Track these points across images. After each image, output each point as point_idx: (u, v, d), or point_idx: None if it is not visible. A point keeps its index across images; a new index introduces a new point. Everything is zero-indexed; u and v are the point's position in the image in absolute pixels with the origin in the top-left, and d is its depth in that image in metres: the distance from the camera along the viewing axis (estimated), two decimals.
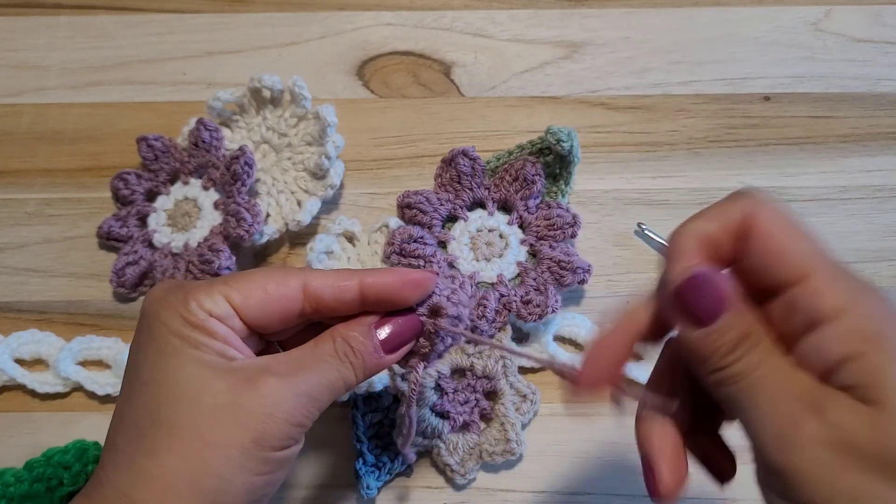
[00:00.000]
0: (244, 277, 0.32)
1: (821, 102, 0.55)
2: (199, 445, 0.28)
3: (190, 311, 0.30)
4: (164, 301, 0.31)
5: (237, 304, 0.31)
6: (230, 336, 0.31)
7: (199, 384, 0.29)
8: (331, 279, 0.32)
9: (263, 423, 0.29)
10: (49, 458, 0.42)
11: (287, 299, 0.32)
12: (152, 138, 0.50)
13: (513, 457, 0.43)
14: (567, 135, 0.46)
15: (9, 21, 0.58)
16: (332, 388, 0.31)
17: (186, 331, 0.30)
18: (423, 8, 0.58)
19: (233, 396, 0.29)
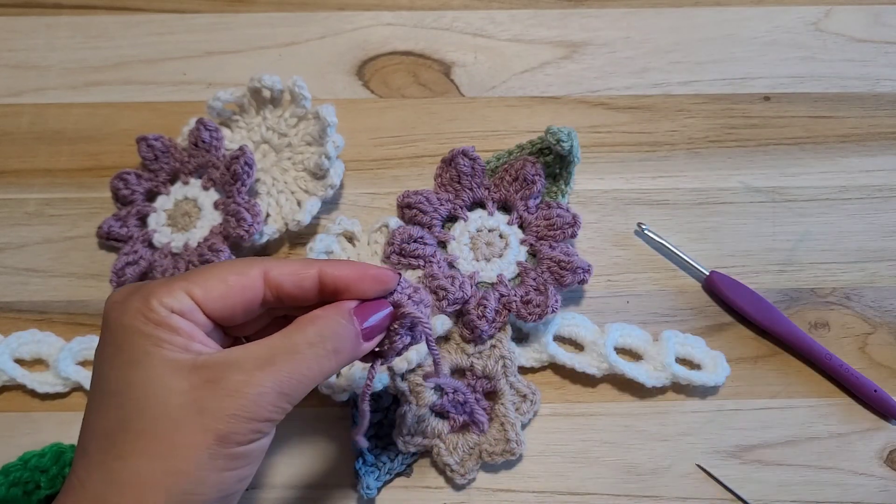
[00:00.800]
0: (204, 271, 0.32)
1: (821, 102, 0.55)
2: (166, 448, 0.28)
3: (151, 309, 0.30)
4: (124, 304, 0.30)
5: (198, 298, 0.31)
6: (194, 331, 0.30)
7: (164, 387, 0.29)
8: (291, 267, 0.32)
9: (226, 423, 0.29)
10: (25, 461, 0.42)
11: (248, 289, 0.31)
12: (152, 138, 0.50)
13: (513, 457, 0.43)
14: (567, 135, 0.46)
15: (9, 21, 0.58)
16: (306, 381, 0.30)
17: (149, 329, 0.30)
18: (423, 8, 0.58)
19: (196, 397, 0.29)
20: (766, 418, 0.46)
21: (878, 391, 0.45)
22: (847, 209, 0.51)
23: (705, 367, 0.46)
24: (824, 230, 0.51)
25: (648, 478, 0.44)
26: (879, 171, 0.52)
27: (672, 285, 0.49)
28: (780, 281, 0.49)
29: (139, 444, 0.28)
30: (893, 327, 0.48)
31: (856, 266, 0.50)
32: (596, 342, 0.46)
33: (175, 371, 0.29)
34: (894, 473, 0.44)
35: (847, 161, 0.53)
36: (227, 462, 0.29)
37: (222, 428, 0.28)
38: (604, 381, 0.46)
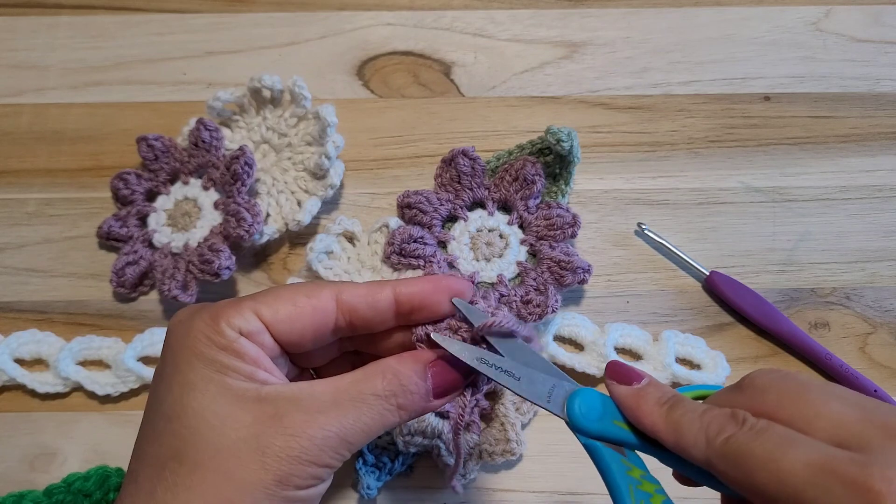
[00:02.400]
0: (273, 292, 0.30)
1: (821, 102, 0.55)
2: (220, 483, 0.27)
3: (218, 331, 0.28)
4: (189, 324, 0.29)
5: (267, 319, 0.29)
6: (260, 357, 0.29)
7: (224, 417, 0.27)
8: (363, 289, 0.31)
9: (288, 464, 0.27)
10: (69, 484, 0.41)
11: (319, 311, 0.30)
12: (152, 138, 0.50)
13: (513, 457, 0.43)
14: (567, 135, 0.46)
15: (9, 21, 0.58)
16: (369, 432, 0.29)
17: (213, 353, 0.28)
18: (423, 8, 0.58)
19: (257, 431, 0.27)
20: None
21: (878, 391, 0.45)
22: (847, 209, 0.51)
23: (705, 367, 0.46)
24: (824, 230, 0.51)
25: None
26: (879, 171, 0.52)
27: (672, 285, 0.49)
28: (780, 281, 0.49)
29: (194, 477, 0.27)
30: (893, 327, 0.48)
31: (856, 266, 0.50)
32: (596, 342, 0.45)
33: (237, 401, 0.28)
34: None
35: (847, 161, 0.53)
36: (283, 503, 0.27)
37: (283, 469, 0.27)
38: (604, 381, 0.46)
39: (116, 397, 0.46)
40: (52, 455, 0.45)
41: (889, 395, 0.45)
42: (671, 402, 0.28)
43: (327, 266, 0.47)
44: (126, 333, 0.47)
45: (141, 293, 0.49)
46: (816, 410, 0.24)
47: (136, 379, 0.45)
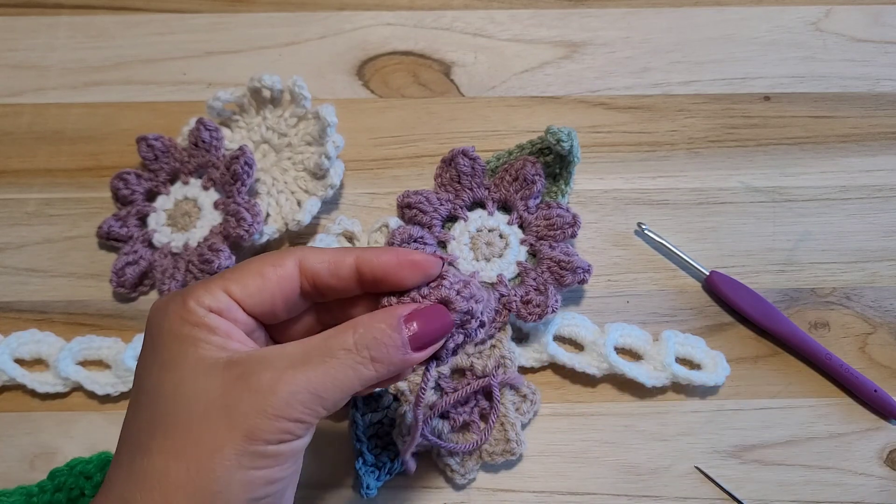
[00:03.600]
0: (241, 267, 0.31)
1: (821, 102, 0.55)
2: (192, 446, 0.28)
3: (188, 310, 0.30)
4: (165, 308, 0.30)
5: (237, 295, 0.30)
6: (231, 329, 0.30)
7: (195, 387, 0.28)
8: (326, 255, 0.31)
9: (254, 419, 0.28)
10: (72, 467, 0.42)
11: (284, 279, 0.31)
12: (152, 138, 0.50)
13: (513, 457, 0.43)
14: (567, 135, 0.46)
15: (9, 21, 0.58)
16: (342, 386, 0.29)
17: (186, 330, 0.29)
18: (423, 8, 0.58)
19: (224, 393, 0.28)
20: (766, 418, 0.46)
21: (878, 391, 0.45)
22: (847, 209, 0.51)
23: (705, 367, 0.46)
24: (824, 230, 0.51)
25: (648, 478, 0.44)
26: (879, 171, 0.52)
27: (672, 285, 0.49)
28: (780, 281, 0.49)
29: (166, 442, 0.28)
30: (893, 327, 0.48)
31: (856, 266, 0.50)
32: (596, 342, 0.46)
33: (208, 370, 0.29)
34: (894, 473, 0.44)
35: (847, 161, 0.53)
36: (254, 461, 0.28)
37: (249, 425, 0.28)
38: (604, 381, 0.46)
39: (116, 397, 0.46)
40: (52, 455, 0.45)
41: (889, 395, 0.45)
42: None
43: None
44: (126, 333, 0.47)
45: (141, 293, 0.49)
46: None
47: None
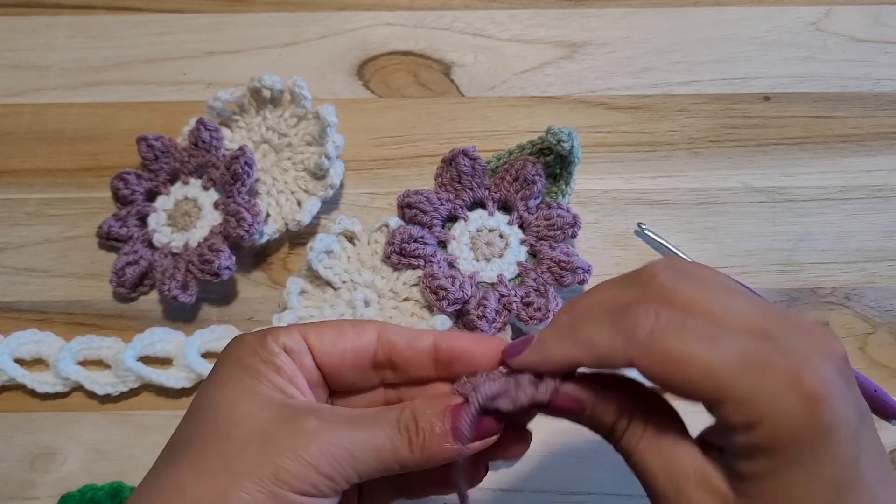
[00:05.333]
0: (322, 321, 0.32)
1: (821, 102, 0.55)
2: (219, 468, 0.27)
3: (263, 345, 0.30)
4: (242, 338, 0.31)
5: (312, 341, 0.30)
6: (296, 375, 0.30)
7: (243, 413, 0.28)
8: (406, 329, 0.32)
9: (288, 461, 0.27)
10: (83, 493, 0.43)
11: (361, 340, 0.31)
12: (152, 138, 0.50)
13: None
14: (568, 135, 0.46)
15: (9, 21, 0.58)
16: (377, 453, 0.28)
17: (253, 361, 0.29)
18: (423, 8, 0.58)
19: (267, 429, 0.28)
20: None
21: (878, 391, 0.45)
22: (847, 209, 0.51)
23: None
24: (824, 230, 0.51)
25: None
26: (879, 171, 0.52)
27: None
28: (780, 281, 0.49)
29: (195, 458, 0.27)
30: (893, 327, 0.48)
31: (856, 266, 0.50)
32: None
33: (261, 402, 0.28)
34: None
35: (847, 161, 0.53)
36: (272, 502, 0.27)
37: (282, 465, 0.27)
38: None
39: (116, 397, 0.46)
40: (51, 455, 0.45)
41: (889, 395, 0.45)
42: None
43: (327, 266, 0.47)
44: (126, 333, 0.47)
45: (141, 293, 0.49)
46: (726, 306, 0.25)
47: (135, 379, 0.45)
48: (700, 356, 0.23)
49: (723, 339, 0.24)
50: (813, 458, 0.22)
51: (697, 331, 0.24)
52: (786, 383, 0.22)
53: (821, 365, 0.23)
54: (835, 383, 0.23)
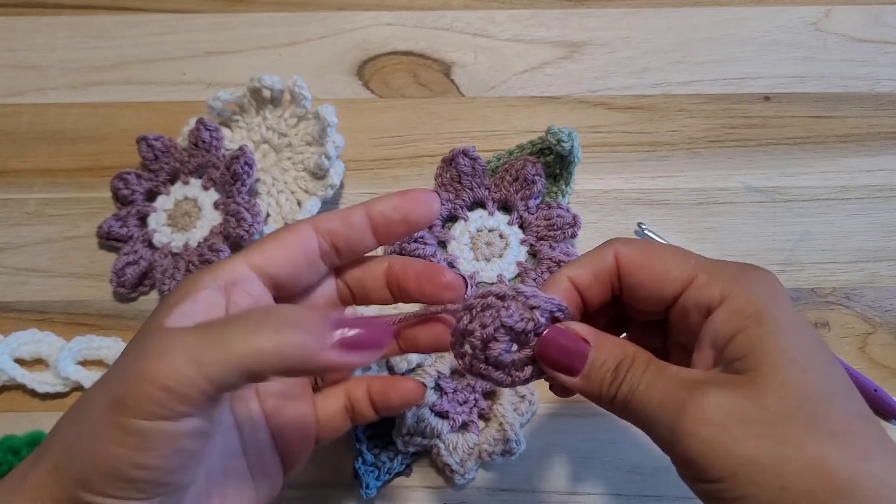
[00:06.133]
0: (260, 239, 0.32)
1: (821, 102, 0.55)
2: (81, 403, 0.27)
3: (193, 280, 0.30)
4: (185, 277, 0.31)
5: (259, 262, 0.31)
6: (213, 308, 0.29)
7: (127, 348, 0.28)
8: (337, 213, 0.33)
9: (126, 379, 0.25)
10: (1, 443, 0.42)
11: (302, 240, 0.32)
12: (152, 138, 0.50)
13: (512, 457, 0.43)
14: (568, 135, 0.46)
15: (9, 21, 0.58)
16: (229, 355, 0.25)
17: (174, 298, 0.29)
18: (423, 8, 0.58)
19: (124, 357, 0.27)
20: None
21: (878, 391, 0.45)
22: (847, 209, 0.51)
23: None
24: (824, 230, 0.51)
25: (649, 478, 0.44)
26: (879, 171, 0.52)
27: None
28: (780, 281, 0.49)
29: (79, 402, 0.27)
30: (893, 327, 0.48)
31: (856, 266, 0.50)
32: None
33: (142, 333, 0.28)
34: None
35: (847, 161, 0.53)
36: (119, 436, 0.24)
37: (120, 388, 0.25)
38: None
39: None
40: None
41: (889, 395, 0.45)
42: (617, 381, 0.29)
43: None
44: (126, 333, 0.47)
45: (141, 293, 0.49)
46: (667, 265, 0.30)
47: None
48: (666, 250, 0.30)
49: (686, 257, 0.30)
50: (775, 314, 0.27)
51: (669, 250, 0.31)
52: (742, 266, 0.29)
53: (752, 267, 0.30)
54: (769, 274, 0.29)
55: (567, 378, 0.29)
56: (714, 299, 0.28)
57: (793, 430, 0.25)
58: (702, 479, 0.26)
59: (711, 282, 0.28)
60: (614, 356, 0.29)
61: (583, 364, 0.29)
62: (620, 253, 0.31)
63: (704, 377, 0.27)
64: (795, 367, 0.26)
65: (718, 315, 0.28)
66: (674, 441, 0.26)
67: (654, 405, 0.27)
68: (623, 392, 0.28)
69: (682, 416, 0.26)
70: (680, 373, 0.28)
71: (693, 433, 0.26)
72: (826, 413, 0.25)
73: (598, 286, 0.31)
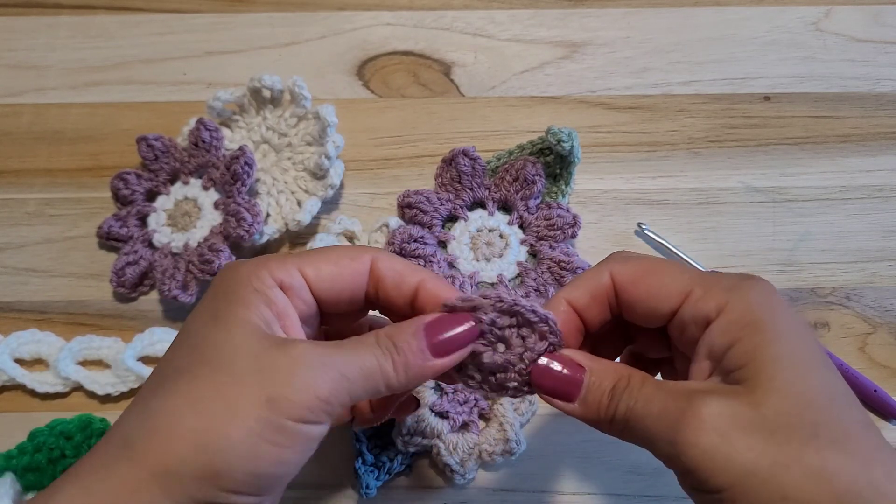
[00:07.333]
0: (318, 251, 0.32)
1: (821, 102, 0.55)
2: (212, 396, 0.26)
3: (258, 277, 0.29)
4: (236, 268, 0.30)
5: (310, 276, 0.30)
6: (285, 311, 0.30)
7: (235, 344, 0.28)
8: (398, 264, 0.32)
9: (284, 385, 0.26)
10: (52, 427, 0.42)
11: (357, 274, 0.31)
12: (152, 138, 0.50)
13: (512, 456, 0.43)
14: (568, 135, 0.46)
15: (9, 21, 0.58)
16: (367, 374, 0.28)
17: (245, 293, 0.29)
18: (423, 8, 0.58)
19: (260, 356, 0.27)
20: None
21: (878, 391, 0.45)
22: (847, 209, 0.51)
23: None
24: (824, 230, 0.51)
25: (649, 478, 0.44)
26: (879, 171, 0.52)
27: None
28: (780, 281, 0.49)
29: (189, 388, 0.27)
30: (893, 327, 0.48)
31: (856, 266, 0.50)
32: None
33: (251, 333, 0.28)
34: None
35: (847, 161, 0.53)
36: (271, 432, 0.26)
37: (277, 391, 0.26)
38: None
39: (116, 397, 0.46)
40: None
41: (889, 395, 0.45)
42: (614, 403, 0.29)
43: None
44: (126, 333, 0.47)
45: (141, 293, 0.49)
46: (662, 281, 0.30)
47: (136, 379, 0.45)
48: (663, 265, 0.31)
49: (681, 272, 0.30)
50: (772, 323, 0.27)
51: (665, 266, 0.31)
52: (737, 277, 0.30)
53: (750, 277, 0.30)
54: (766, 284, 0.29)
55: (565, 404, 0.30)
56: (711, 312, 0.28)
57: (793, 439, 0.25)
58: (703, 490, 0.26)
59: (707, 295, 0.29)
60: (609, 378, 0.29)
61: (579, 390, 0.30)
62: (616, 271, 0.31)
63: (702, 387, 0.27)
64: (794, 375, 0.26)
65: (715, 326, 0.28)
66: (675, 453, 0.26)
67: (652, 420, 0.27)
68: (621, 411, 0.28)
69: (681, 426, 0.26)
70: (676, 385, 0.28)
71: (693, 443, 0.26)
72: (826, 421, 0.25)
73: (597, 306, 0.31)
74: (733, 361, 0.27)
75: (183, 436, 0.26)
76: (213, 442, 0.26)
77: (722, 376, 0.27)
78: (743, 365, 0.27)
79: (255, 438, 0.26)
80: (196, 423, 0.26)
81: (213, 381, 0.27)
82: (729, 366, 0.27)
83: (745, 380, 0.26)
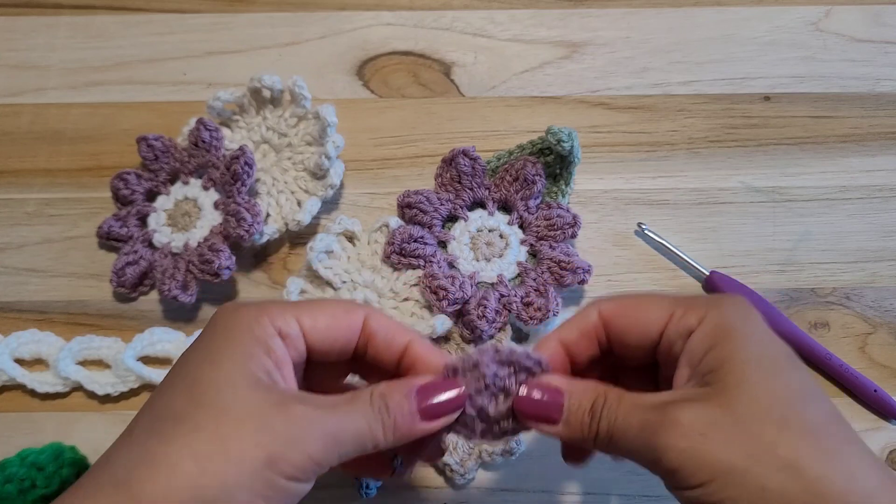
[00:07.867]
0: (315, 302, 0.33)
1: (821, 102, 0.55)
2: (214, 449, 0.27)
3: (260, 325, 0.30)
4: (237, 311, 0.31)
5: (306, 326, 0.31)
6: (284, 360, 0.31)
7: (237, 395, 0.28)
8: (389, 323, 0.33)
9: (283, 445, 0.28)
10: (23, 458, 0.42)
11: (350, 329, 0.32)
12: (152, 138, 0.50)
13: (512, 456, 0.43)
14: (568, 135, 0.46)
15: (9, 21, 0.58)
16: (358, 437, 0.30)
17: (247, 340, 0.30)
18: (423, 8, 0.58)
19: (263, 412, 0.28)
20: None
21: (878, 391, 0.45)
22: (847, 209, 0.51)
23: None
24: (824, 230, 0.51)
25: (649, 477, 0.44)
26: (879, 171, 0.52)
27: (672, 285, 0.49)
28: (780, 281, 0.49)
29: (190, 436, 0.27)
30: (893, 327, 0.48)
31: (856, 266, 0.50)
32: None
33: (253, 385, 0.29)
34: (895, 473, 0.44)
35: (847, 161, 0.53)
36: (265, 489, 0.28)
37: (276, 451, 0.28)
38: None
39: (116, 397, 0.46)
40: None
41: (889, 395, 0.45)
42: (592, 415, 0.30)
43: (327, 265, 0.47)
44: (126, 333, 0.47)
45: (141, 293, 0.49)
46: (648, 308, 0.32)
47: (136, 379, 0.45)
48: (642, 298, 0.33)
49: (662, 298, 0.32)
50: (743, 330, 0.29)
51: (648, 296, 0.33)
52: (716, 296, 0.32)
53: (726, 296, 0.32)
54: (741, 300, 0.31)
55: (550, 427, 0.31)
56: (692, 325, 0.30)
57: (764, 432, 0.26)
58: (685, 487, 0.27)
59: (688, 312, 0.30)
60: (588, 397, 0.30)
61: (560, 413, 0.31)
62: (603, 307, 0.33)
63: (677, 396, 0.29)
64: (763, 374, 0.28)
65: (695, 336, 0.30)
66: (657, 458, 0.28)
67: (634, 432, 0.29)
68: (603, 428, 0.30)
69: (660, 434, 0.28)
70: (653, 397, 0.29)
71: (672, 447, 0.27)
72: (796, 415, 0.27)
73: (585, 341, 0.33)
74: (708, 365, 0.29)
75: (184, 484, 0.27)
76: (211, 493, 0.27)
77: (698, 379, 0.29)
78: (716, 368, 0.28)
79: (250, 494, 0.27)
80: (197, 471, 0.27)
81: (216, 434, 0.28)
82: (704, 369, 0.29)
83: (718, 381, 0.28)
